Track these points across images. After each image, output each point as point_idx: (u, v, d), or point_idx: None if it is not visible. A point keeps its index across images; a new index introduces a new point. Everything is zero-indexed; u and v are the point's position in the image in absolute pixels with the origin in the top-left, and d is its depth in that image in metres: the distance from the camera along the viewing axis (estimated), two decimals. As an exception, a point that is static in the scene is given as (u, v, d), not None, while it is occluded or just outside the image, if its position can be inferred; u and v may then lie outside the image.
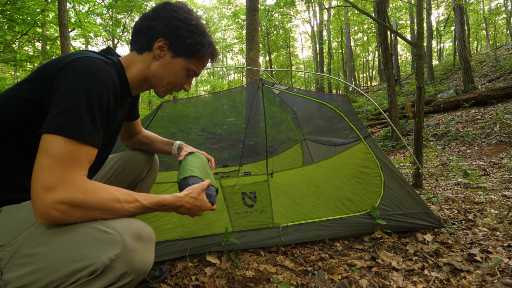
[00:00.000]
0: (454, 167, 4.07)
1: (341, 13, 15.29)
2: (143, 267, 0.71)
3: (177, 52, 0.92)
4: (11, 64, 8.00)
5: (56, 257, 0.65)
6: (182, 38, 0.90)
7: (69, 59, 0.73)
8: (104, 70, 0.75)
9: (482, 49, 19.42)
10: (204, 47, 0.94)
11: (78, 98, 0.69)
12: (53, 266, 0.64)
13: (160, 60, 0.92)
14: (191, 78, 1.01)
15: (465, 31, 9.63)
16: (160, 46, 0.90)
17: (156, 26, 0.89)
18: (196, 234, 1.63)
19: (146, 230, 0.74)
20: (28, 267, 0.65)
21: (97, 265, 0.64)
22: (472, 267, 1.44)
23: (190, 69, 0.97)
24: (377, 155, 1.87)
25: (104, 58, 0.80)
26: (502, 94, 6.74)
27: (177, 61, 0.93)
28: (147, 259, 0.72)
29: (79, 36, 12.12)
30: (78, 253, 0.65)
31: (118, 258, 0.66)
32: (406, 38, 3.11)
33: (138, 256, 0.69)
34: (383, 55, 6.63)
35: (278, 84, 2.34)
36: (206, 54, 0.96)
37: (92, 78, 0.72)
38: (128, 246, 0.67)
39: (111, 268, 0.65)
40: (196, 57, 0.95)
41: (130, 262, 0.68)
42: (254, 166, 3.14)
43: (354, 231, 1.78)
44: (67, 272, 0.64)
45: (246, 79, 4.86)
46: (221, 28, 23.35)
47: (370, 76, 26.86)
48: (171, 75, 0.95)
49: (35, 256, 0.65)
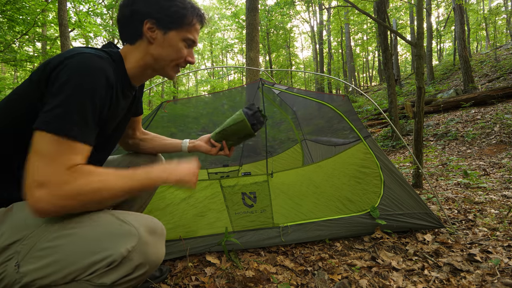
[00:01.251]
0: (454, 167, 4.07)
1: (341, 13, 15.29)
2: (157, 259, 0.75)
3: (165, 26, 0.90)
4: (11, 64, 8.00)
5: (75, 249, 0.68)
6: (165, 9, 0.89)
7: (63, 57, 0.74)
8: (95, 65, 0.75)
9: (482, 49, 19.42)
10: (188, 11, 0.92)
11: (68, 95, 0.70)
12: (72, 257, 0.67)
13: (154, 42, 0.91)
14: (191, 48, 1.00)
15: (465, 31, 9.63)
16: (149, 28, 0.89)
17: (138, 9, 0.88)
18: (196, 234, 1.63)
19: (159, 225, 0.79)
20: (47, 259, 0.68)
21: (115, 256, 0.67)
22: (472, 267, 1.44)
23: (186, 38, 0.94)
24: (377, 155, 1.87)
25: (99, 53, 0.80)
26: (502, 94, 6.74)
27: (170, 36, 0.91)
28: (160, 252, 0.76)
29: (79, 36, 12.11)
30: (97, 245, 0.69)
31: (134, 250, 0.69)
32: (406, 38, 3.11)
33: (152, 249, 0.73)
34: (383, 55, 6.63)
35: (278, 84, 2.34)
36: (193, 17, 0.94)
37: (82, 74, 0.72)
38: (143, 239, 0.71)
39: (128, 260, 0.69)
40: (185, 23, 0.93)
41: (145, 254, 0.71)
42: (254, 166, 3.14)
43: (354, 231, 1.78)
44: (86, 263, 0.67)
45: (246, 79, 4.86)
46: (221, 28, 23.36)
47: (370, 76, 26.86)
48: (171, 52, 0.93)
49: (54, 248, 0.68)
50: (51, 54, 8.54)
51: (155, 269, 0.76)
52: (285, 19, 16.37)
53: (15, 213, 0.74)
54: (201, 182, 1.73)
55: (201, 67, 24.33)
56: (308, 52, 33.11)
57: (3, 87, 7.82)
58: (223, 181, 1.75)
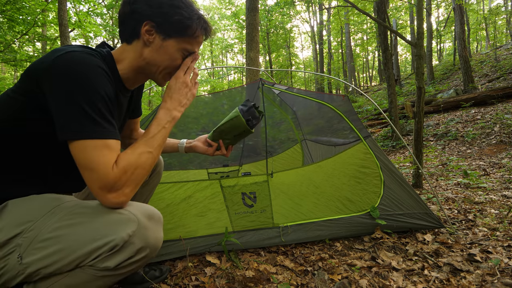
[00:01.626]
0: (454, 167, 4.07)
1: (341, 13, 15.28)
2: (156, 242, 0.80)
3: (166, 33, 0.85)
4: (11, 64, 8.00)
5: (77, 238, 0.71)
6: (168, 16, 0.84)
7: (52, 57, 0.73)
8: (88, 61, 0.75)
9: (482, 49, 19.41)
10: (194, 22, 0.86)
11: (74, 98, 0.71)
12: (74, 245, 0.71)
13: (150, 46, 0.86)
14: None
15: (465, 31, 9.63)
16: (148, 30, 0.84)
17: (139, 8, 0.83)
18: (196, 234, 1.63)
19: (156, 212, 0.84)
20: (50, 248, 0.71)
21: (117, 241, 0.71)
22: (472, 267, 1.44)
23: (185, 49, 0.90)
24: (377, 155, 1.87)
25: (89, 50, 0.79)
26: (502, 94, 6.74)
27: (169, 43, 0.86)
28: (159, 236, 0.81)
29: (79, 35, 12.11)
30: (97, 232, 0.72)
31: (135, 234, 0.74)
32: (406, 38, 3.11)
33: (151, 233, 0.78)
34: (383, 55, 6.63)
35: (278, 84, 2.34)
36: (197, 29, 0.88)
37: (79, 72, 0.72)
38: (142, 224, 0.75)
39: (129, 243, 0.73)
40: (188, 34, 0.87)
41: (145, 237, 0.76)
42: (254, 166, 3.14)
43: (354, 231, 1.78)
44: (89, 249, 0.71)
45: (246, 79, 4.86)
46: (221, 28, 23.35)
47: (370, 76, 26.86)
48: (166, 60, 0.88)
49: (56, 238, 0.72)
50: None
51: (155, 252, 0.81)
52: (285, 19, 16.36)
53: (11, 209, 0.76)
54: (201, 182, 1.73)
55: (201, 67, 24.33)
56: (308, 52, 33.12)
57: (3, 87, 7.82)
58: (223, 181, 1.75)
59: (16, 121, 0.77)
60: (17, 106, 0.77)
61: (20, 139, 0.79)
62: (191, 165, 2.84)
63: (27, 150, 0.80)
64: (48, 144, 0.80)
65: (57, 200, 0.80)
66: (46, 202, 0.79)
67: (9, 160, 0.79)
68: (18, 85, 0.78)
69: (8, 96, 0.78)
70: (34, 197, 0.80)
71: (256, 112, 1.20)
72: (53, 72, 0.71)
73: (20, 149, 0.79)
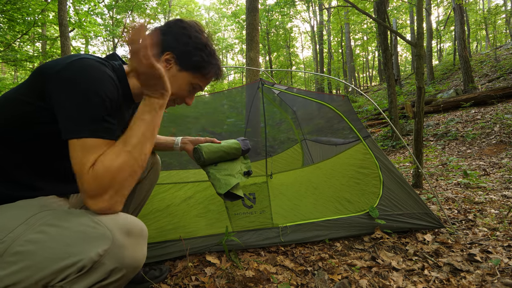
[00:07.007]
0: (454, 167, 4.07)
1: (341, 13, 15.28)
2: (134, 263, 0.71)
3: (183, 66, 0.94)
4: (11, 64, 8.00)
5: (44, 254, 0.65)
6: (190, 55, 0.93)
7: (65, 62, 0.75)
8: (98, 68, 0.77)
9: (482, 49, 19.42)
10: (210, 66, 0.97)
11: (80, 99, 0.72)
12: (42, 263, 0.64)
13: (166, 73, 0.90)
14: (195, 92, 1.03)
15: (465, 31, 9.63)
16: (167, 59, 0.92)
17: (166, 40, 0.91)
18: (196, 234, 1.63)
19: (137, 226, 0.74)
20: (17, 265, 0.64)
21: (85, 261, 0.64)
22: (472, 267, 1.44)
23: (195, 84, 0.98)
24: (376, 155, 1.87)
25: (101, 60, 0.81)
26: (502, 94, 6.73)
27: (182, 75, 0.95)
28: (138, 255, 0.72)
29: (79, 36, 12.12)
30: (65, 250, 0.65)
31: (107, 254, 0.66)
32: (406, 38, 3.11)
33: (128, 252, 0.69)
34: (383, 55, 6.63)
35: (278, 84, 2.34)
36: (211, 72, 0.99)
37: (88, 76, 0.74)
38: (117, 242, 0.67)
39: (100, 264, 0.65)
40: (202, 73, 0.97)
41: (120, 258, 0.67)
42: (254, 166, 3.12)
43: (353, 231, 1.78)
44: (55, 269, 0.64)
45: (246, 79, 4.86)
46: (221, 28, 23.35)
47: (370, 76, 26.86)
48: (174, 88, 0.94)
49: (24, 254, 0.65)
50: (51, 54, 8.54)
51: (136, 272, 0.73)
52: (285, 19, 16.36)
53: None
54: (201, 183, 1.73)
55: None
56: (308, 52, 33.13)
57: (3, 87, 7.82)
58: (223, 181, 1.75)
59: (16, 121, 0.77)
60: (22, 106, 0.77)
61: (20, 140, 0.78)
62: (191, 165, 2.84)
63: (27, 151, 0.79)
64: (48, 144, 0.80)
65: (40, 207, 0.75)
66: (27, 210, 0.74)
67: (8, 160, 0.79)
68: (25, 84, 0.79)
69: (15, 97, 0.79)
70: (16, 205, 0.76)
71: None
72: (63, 73, 0.73)
73: (20, 150, 0.79)
